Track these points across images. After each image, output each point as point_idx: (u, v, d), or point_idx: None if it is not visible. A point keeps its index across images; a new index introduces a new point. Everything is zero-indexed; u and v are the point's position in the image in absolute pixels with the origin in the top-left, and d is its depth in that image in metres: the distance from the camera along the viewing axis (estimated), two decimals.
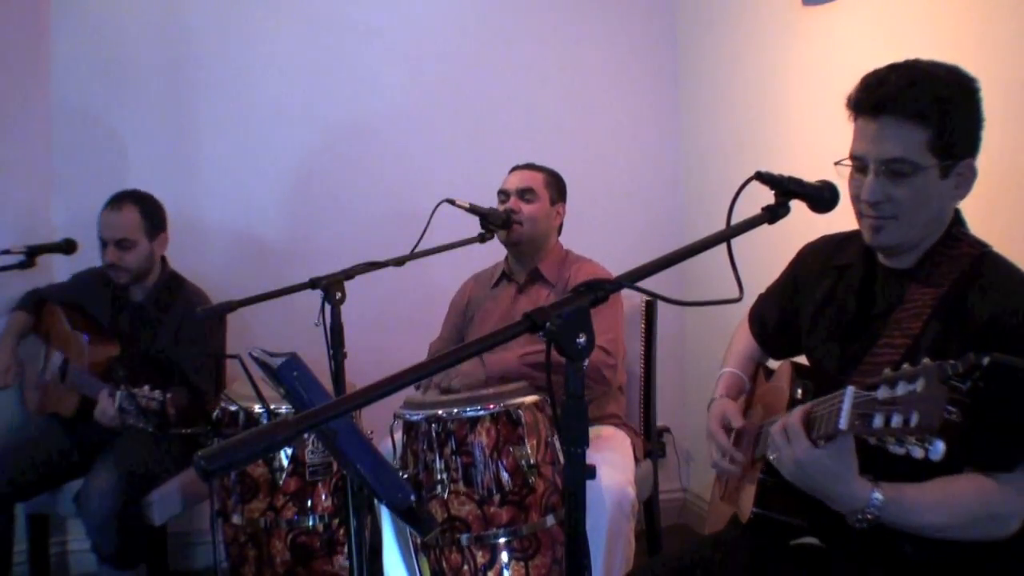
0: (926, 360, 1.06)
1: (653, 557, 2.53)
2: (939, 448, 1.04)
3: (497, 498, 1.84)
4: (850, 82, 1.42)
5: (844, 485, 1.25)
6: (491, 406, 1.88)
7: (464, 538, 1.85)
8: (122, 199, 2.59)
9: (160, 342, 2.59)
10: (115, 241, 2.55)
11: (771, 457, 1.34)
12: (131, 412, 2.18)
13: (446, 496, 1.85)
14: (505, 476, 1.85)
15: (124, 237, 2.55)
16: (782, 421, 1.31)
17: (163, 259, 2.71)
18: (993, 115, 1.39)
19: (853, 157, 1.40)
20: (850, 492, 1.25)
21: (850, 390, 1.16)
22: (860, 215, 1.42)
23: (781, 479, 1.36)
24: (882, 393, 1.10)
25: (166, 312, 2.62)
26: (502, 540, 1.85)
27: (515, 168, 2.55)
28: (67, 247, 2.64)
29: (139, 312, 2.64)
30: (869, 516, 1.25)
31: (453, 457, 1.85)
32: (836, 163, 1.42)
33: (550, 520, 1.89)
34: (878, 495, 1.24)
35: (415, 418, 1.91)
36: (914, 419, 1.04)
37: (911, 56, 1.40)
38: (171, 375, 2.53)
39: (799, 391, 1.47)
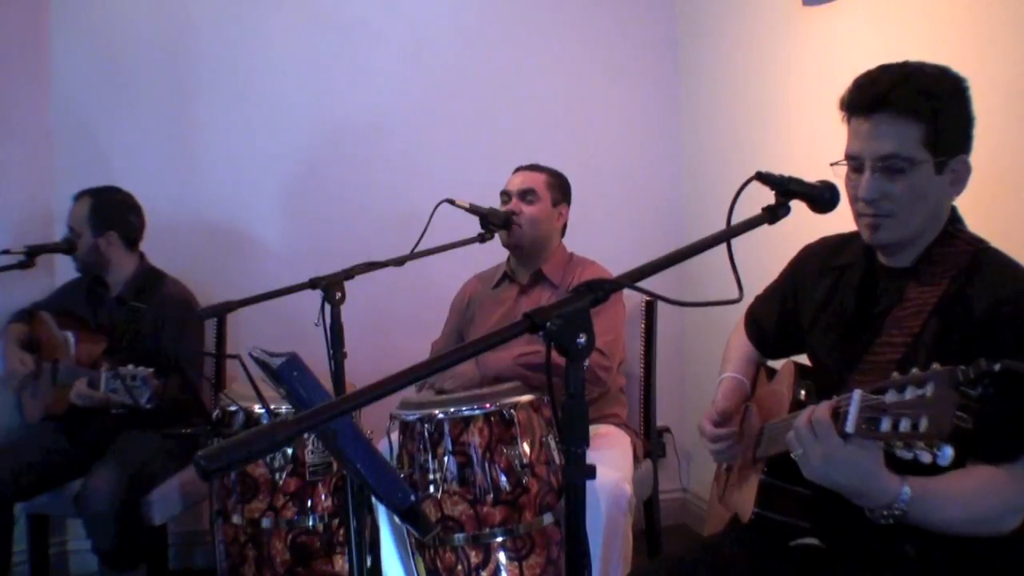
0: (936, 365, 1.05)
1: (653, 557, 2.53)
2: (948, 454, 1.02)
3: (490, 498, 1.84)
4: (850, 82, 1.43)
5: (875, 480, 1.21)
6: (486, 405, 1.88)
7: (458, 538, 1.85)
8: (83, 193, 2.68)
9: (142, 334, 2.60)
10: (68, 228, 2.67)
11: (796, 454, 1.27)
12: (119, 390, 2.21)
13: (440, 496, 1.85)
14: (499, 476, 1.85)
15: (70, 227, 2.66)
16: (806, 415, 1.25)
17: (141, 254, 2.74)
18: (993, 115, 1.40)
19: (848, 157, 1.41)
20: (881, 487, 1.21)
21: (857, 393, 1.15)
22: (858, 214, 1.42)
23: (782, 480, 1.35)
24: (890, 397, 1.09)
25: (146, 304, 2.63)
26: (496, 540, 1.85)
27: (518, 169, 2.55)
28: (67, 247, 2.65)
29: (118, 305, 2.66)
30: (896, 512, 1.22)
31: (447, 457, 1.85)
32: (832, 164, 1.42)
33: (545, 520, 1.89)
34: (908, 490, 1.21)
35: (410, 418, 1.91)
36: (923, 424, 1.03)
37: (911, 57, 1.40)
38: (159, 365, 2.52)
39: (802, 392, 1.47)
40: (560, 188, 2.53)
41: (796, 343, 1.67)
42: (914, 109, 1.32)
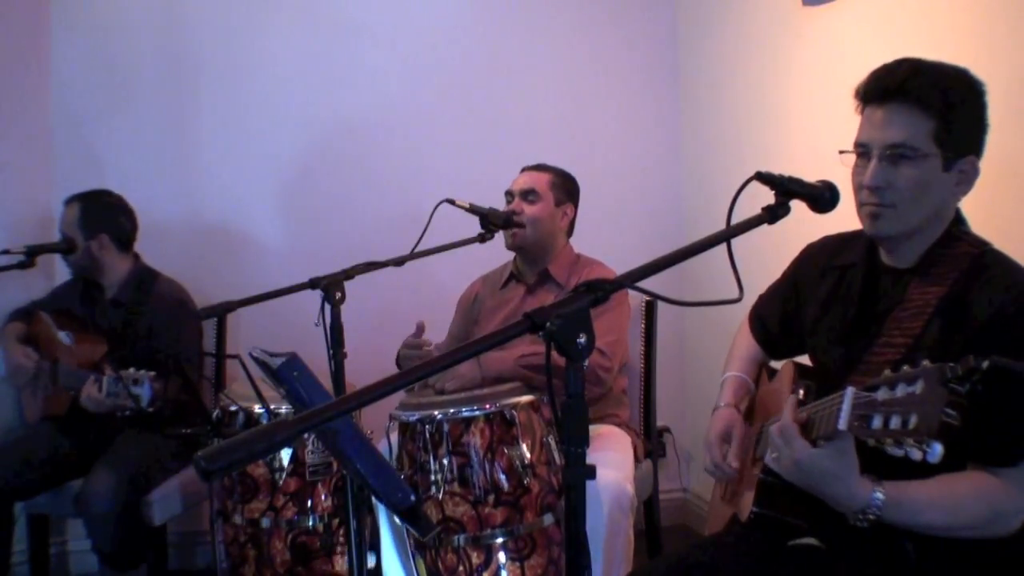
0: (925, 362, 1.06)
1: (653, 557, 2.53)
2: (937, 451, 1.04)
3: (492, 499, 1.84)
4: (850, 82, 1.43)
5: (844, 486, 1.25)
6: (486, 406, 1.88)
7: (459, 539, 1.85)
8: (73, 198, 2.67)
9: (139, 336, 2.60)
10: (60, 234, 2.67)
11: (770, 457, 1.33)
12: (120, 394, 2.20)
13: (441, 497, 1.85)
14: (500, 476, 1.85)
15: (63, 232, 2.65)
16: (778, 423, 1.31)
17: (135, 255, 2.74)
18: (993, 115, 1.40)
19: (857, 144, 1.41)
20: (850, 492, 1.25)
21: (850, 391, 1.16)
22: (860, 204, 1.42)
23: (781, 479, 1.36)
24: (881, 395, 1.10)
25: (141, 305, 2.63)
26: (497, 540, 1.85)
27: (524, 169, 2.55)
28: (67, 247, 2.64)
29: (114, 307, 2.66)
30: (871, 516, 1.25)
31: (447, 458, 1.85)
32: (841, 152, 1.43)
33: (546, 520, 1.88)
34: (879, 495, 1.24)
35: (410, 419, 1.91)
36: (912, 421, 1.04)
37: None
38: (159, 365, 2.53)
39: (800, 391, 1.47)
40: (564, 188, 2.52)
41: (800, 343, 1.67)
42: (927, 101, 1.33)
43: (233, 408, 2.19)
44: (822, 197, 1.28)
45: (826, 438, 1.24)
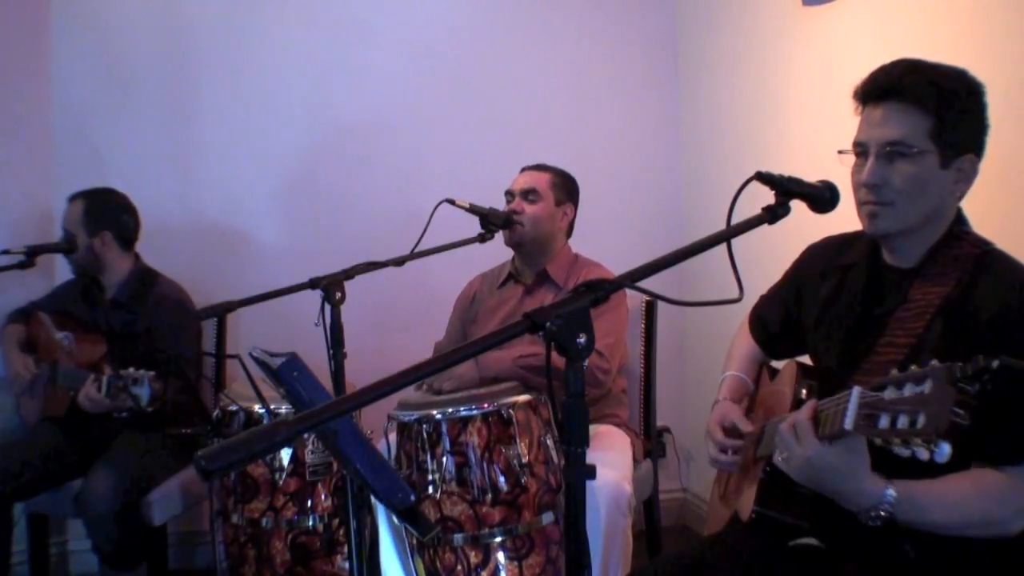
0: (934, 362, 1.06)
1: (653, 557, 2.53)
2: (945, 451, 1.03)
3: (489, 498, 1.84)
4: (850, 82, 1.43)
5: (855, 483, 1.24)
6: (484, 406, 1.88)
7: (457, 538, 1.85)
8: (77, 195, 2.67)
9: (138, 334, 2.60)
10: (63, 231, 2.67)
11: (780, 457, 1.32)
12: (120, 394, 2.20)
13: (438, 496, 1.85)
14: (497, 476, 1.85)
15: (66, 229, 2.65)
16: (791, 419, 1.29)
17: (136, 255, 2.73)
18: (992, 114, 1.41)
19: (856, 144, 1.42)
20: (861, 490, 1.24)
21: (856, 390, 1.16)
22: (860, 203, 1.42)
23: (783, 479, 1.36)
24: (889, 394, 1.10)
25: (140, 305, 2.63)
26: (496, 540, 1.85)
27: (524, 168, 2.55)
28: (68, 247, 2.64)
29: (114, 307, 2.66)
30: (883, 513, 1.23)
31: (445, 457, 1.85)
32: (840, 152, 1.43)
33: (544, 519, 1.88)
34: (892, 492, 1.23)
35: (408, 419, 1.91)
36: (921, 421, 1.04)
37: (910, 57, 1.41)
38: (159, 366, 2.52)
39: (803, 391, 1.47)
40: (564, 188, 2.52)
41: (800, 343, 1.66)
42: (923, 99, 1.33)
43: (233, 408, 2.19)
44: (822, 197, 1.29)
45: (832, 437, 1.23)
